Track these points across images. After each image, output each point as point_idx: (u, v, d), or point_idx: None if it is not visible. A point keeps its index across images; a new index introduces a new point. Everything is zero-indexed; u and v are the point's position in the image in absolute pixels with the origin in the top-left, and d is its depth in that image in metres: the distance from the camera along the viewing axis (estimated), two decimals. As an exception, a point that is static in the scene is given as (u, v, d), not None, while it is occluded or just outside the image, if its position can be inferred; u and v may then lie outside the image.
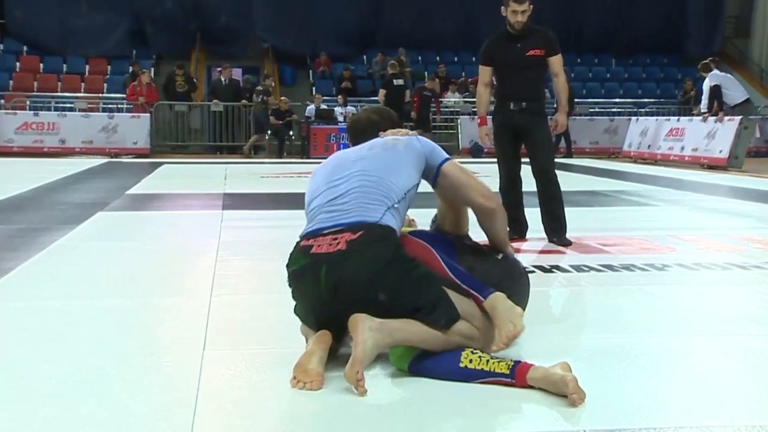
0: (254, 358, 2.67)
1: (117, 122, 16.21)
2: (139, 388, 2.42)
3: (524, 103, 5.25)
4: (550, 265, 4.49)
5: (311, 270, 2.55)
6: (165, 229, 6.09)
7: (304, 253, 2.60)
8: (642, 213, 7.29)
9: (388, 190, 2.68)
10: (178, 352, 2.79)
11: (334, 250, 2.52)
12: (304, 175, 11.62)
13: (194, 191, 9.16)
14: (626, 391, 2.42)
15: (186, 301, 3.61)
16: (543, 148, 5.35)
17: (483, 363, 2.43)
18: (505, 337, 2.50)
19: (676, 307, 3.58)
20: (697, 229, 6.01)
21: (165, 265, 4.51)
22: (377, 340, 2.41)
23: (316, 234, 2.62)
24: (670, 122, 15.22)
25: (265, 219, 6.63)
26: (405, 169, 2.76)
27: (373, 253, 2.51)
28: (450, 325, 2.50)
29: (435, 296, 2.52)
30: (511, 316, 2.55)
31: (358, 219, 2.59)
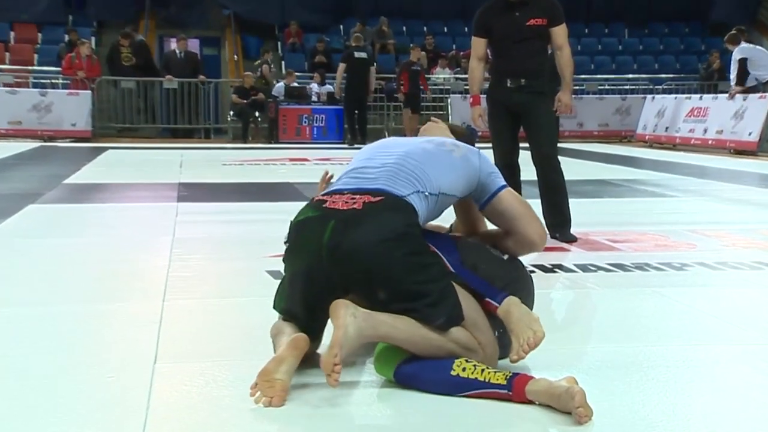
0: (213, 373, 2.66)
1: (51, 100, 15.99)
2: (77, 409, 2.40)
3: (523, 80, 5.24)
4: (553, 264, 4.51)
5: (318, 222, 2.59)
6: (110, 224, 6.06)
7: (315, 206, 2.68)
8: (658, 205, 7.35)
9: (423, 177, 2.75)
10: (124, 366, 2.77)
11: (348, 208, 2.58)
12: (271, 162, 11.64)
13: (144, 181, 9.12)
14: (638, 407, 2.43)
15: (134, 307, 3.59)
16: (544, 132, 5.34)
17: (477, 372, 2.45)
18: (526, 345, 2.55)
19: (697, 312, 3.61)
20: (721, 224, 6.05)
21: (110, 265, 4.49)
22: (360, 328, 2.42)
23: (335, 192, 2.70)
24: (691, 101, 15.30)
25: (227, 213, 6.62)
26: (451, 175, 2.83)
27: (388, 221, 2.55)
28: (449, 326, 2.52)
29: (441, 289, 2.54)
30: (529, 321, 2.60)
31: (382, 187, 2.66)
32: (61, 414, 2.36)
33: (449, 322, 2.52)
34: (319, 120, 16.37)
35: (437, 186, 2.76)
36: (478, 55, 5.40)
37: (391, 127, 17.92)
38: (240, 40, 20.69)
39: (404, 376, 2.52)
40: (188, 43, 18.06)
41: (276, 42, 20.84)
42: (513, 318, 2.61)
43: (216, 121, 17.93)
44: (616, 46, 22.31)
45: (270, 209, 6.74)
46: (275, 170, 10.76)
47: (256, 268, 4.29)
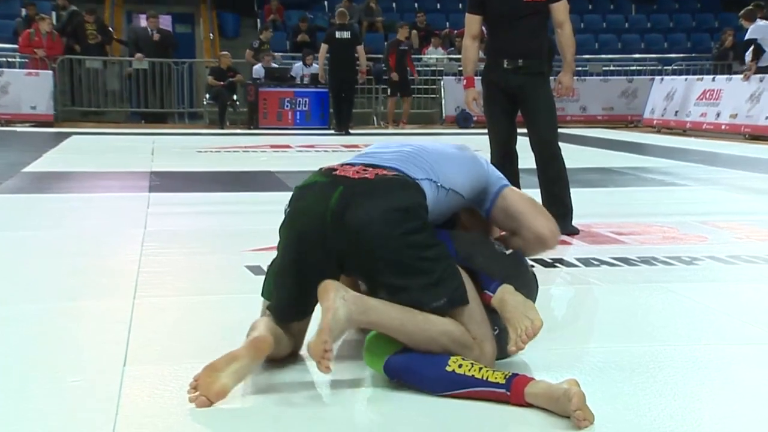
0: (188, 376, 2.64)
1: (8, 80, 15.86)
2: (40, 415, 2.40)
3: (521, 60, 5.22)
4: (553, 258, 4.52)
5: (326, 186, 2.63)
6: (75, 216, 6.05)
7: (324, 173, 2.72)
8: (666, 194, 7.38)
9: (438, 170, 2.80)
10: (91, 370, 2.77)
11: (359, 177, 2.63)
12: (251, 149, 11.63)
13: (113, 169, 9.09)
14: (645, 411, 2.45)
15: (102, 305, 3.59)
16: (543, 115, 5.32)
17: (475, 370, 2.46)
18: (524, 335, 2.57)
19: (708, 310, 3.62)
20: (734, 214, 6.09)
21: (75, 260, 4.47)
22: (350, 312, 2.45)
23: (346, 164, 2.76)
24: (703, 82, 15.33)
25: (202, 203, 6.61)
26: (463, 173, 2.89)
27: (399, 194, 2.60)
28: (450, 308, 2.55)
29: (444, 269, 2.57)
30: (526, 309, 2.62)
31: (396, 166, 2.72)
32: (23, 421, 2.35)
33: (451, 303, 2.55)
34: (302, 104, 16.32)
35: (450, 181, 2.81)
36: (473, 34, 5.36)
37: (380, 111, 17.92)
38: (216, 17, 20.63)
39: (395, 369, 2.53)
40: (159, 20, 17.96)
41: (255, 19, 20.78)
42: (508, 306, 2.63)
43: (190, 105, 17.89)
44: (622, 24, 22.35)
45: (249, 200, 6.74)
46: (255, 158, 10.75)
47: (234, 263, 4.29)
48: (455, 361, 2.48)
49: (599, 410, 2.34)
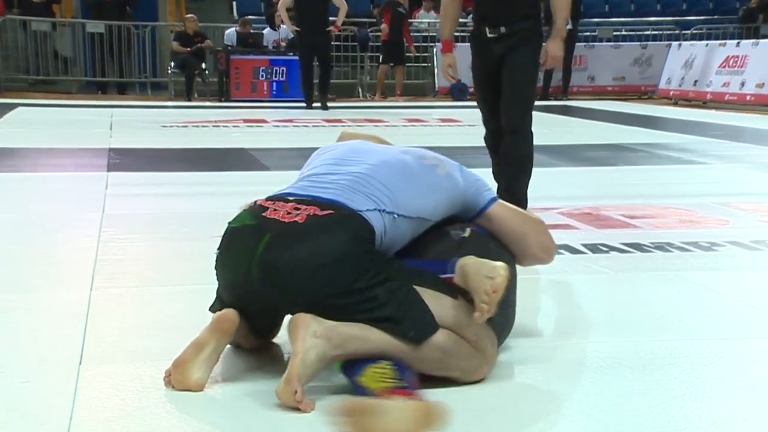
0: (151, 375, 2.67)
1: (-59, 45, 15.80)
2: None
3: (504, 27, 4.97)
4: (557, 244, 4.52)
5: (252, 233, 2.62)
6: (24, 198, 6.03)
7: (254, 213, 2.70)
8: (684, 173, 7.41)
9: (394, 197, 2.74)
10: (42, 369, 2.77)
11: (289, 220, 2.59)
12: (221, 124, 11.61)
13: (66, 145, 9.06)
14: (659, 412, 2.46)
15: (55, 298, 3.59)
16: (520, 87, 5.01)
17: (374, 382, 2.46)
18: (484, 295, 2.53)
19: (729, 300, 3.65)
20: (759, 195, 6.15)
21: (25, 248, 4.47)
22: (323, 350, 2.45)
23: (280, 197, 2.73)
24: (726, 48, 15.34)
25: (167, 184, 6.61)
26: (433, 197, 2.85)
27: (330, 239, 2.55)
28: (422, 338, 2.54)
29: (399, 304, 2.55)
30: (486, 270, 2.59)
31: (335, 198, 2.67)
32: (-33, 426, 2.36)
33: (420, 334, 2.54)
34: (278, 73, 16.26)
35: (416, 209, 2.77)
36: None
37: (366, 82, 17.90)
38: (182, -26, 20.54)
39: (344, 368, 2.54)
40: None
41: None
42: (470, 275, 2.60)
43: (153, 74, 17.85)
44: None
45: (220, 180, 6.74)
46: (226, 134, 10.73)
47: (201, 251, 4.25)
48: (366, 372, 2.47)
49: (609, 410, 2.36)
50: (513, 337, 2.96)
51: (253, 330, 2.76)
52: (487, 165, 7.52)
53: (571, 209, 5.51)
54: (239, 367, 2.76)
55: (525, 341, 3.00)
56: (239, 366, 2.76)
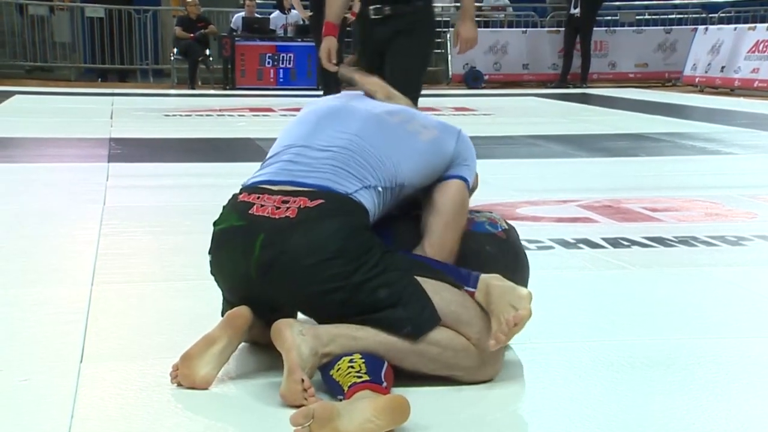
0: (154, 373, 2.68)
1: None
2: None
3: (388, 7, 4.72)
4: (576, 238, 4.55)
5: (244, 235, 2.61)
6: (22, 190, 6.05)
7: (240, 211, 2.67)
8: (709, 164, 7.39)
9: (379, 167, 2.73)
10: (42, 367, 2.78)
11: (280, 216, 2.58)
12: (226, 113, 11.62)
13: (65, 135, 9.09)
14: (682, 414, 2.46)
15: (55, 293, 3.60)
16: (401, 76, 4.58)
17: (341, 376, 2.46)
18: (504, 326, 2.52)
19: (757, 297, 3.65)
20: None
21: (24, 241, 4.49)
22: (313, 346, 2.46)
23: (262, 188, 2.69)
24: (756, 32, 15.26)
25: (170, 176, 6.63)
26: (412, 162, 2.81)
27: (327, 232, 2.55)
28: (419, 332, 2.54)
29: (399, 295, 2.55)
30: (512, 298, 2.58)
31: (322, 183, 2.65)
32: (-35, 425, 2.37)
33: (419, 328, 2.54)
34: (286, 60, 16.25)
35: (395, 176, 2.76)
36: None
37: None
38: (184, -43, 20.54)
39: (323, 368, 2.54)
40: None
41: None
42: (493, 297, 2.60)
43: (155, 60, 17.87)
44: (659, -35, 22.27)
45: (225, 171, 6.73)
46: (232, 123, 10.75)
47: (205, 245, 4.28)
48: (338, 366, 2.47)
49: (631, 411, 2.36)
50: (528, 335, 2.95)
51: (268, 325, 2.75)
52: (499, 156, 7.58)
53: (591, 202, 5.50)
54: (250, 366, 2.76)
55: (542, 339, 3.01)
56: (250, 365, 2.77)
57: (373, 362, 2.46)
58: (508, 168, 6.92)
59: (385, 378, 2.44)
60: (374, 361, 2.47)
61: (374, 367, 2.44)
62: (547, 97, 14.39)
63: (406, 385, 2.53)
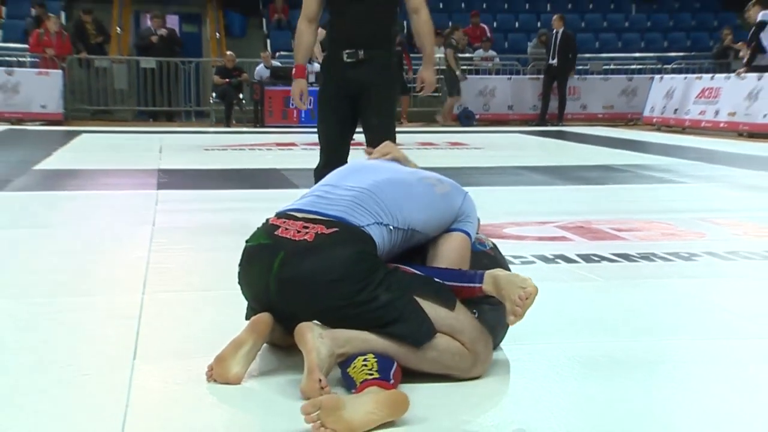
0: (197, 371, 2.67)
1: (19, 80, 15.83)
2: (55, 407, 2.41)
3: (362, 51, 4.45)
4: (554, 254, 4.53)
5: (268, 252, 2.63)
6: (85, 213, 6.05)
7: (268, 232, 2.70)
8: (665, 192, 7.37)
9: (393, 210, 2.73)
10: (101, 364, 2.78)
11: (299, 238, 2.59)
12: (256, 147, 11.64)
13: (122, 167, 9.11)
14: (646, 407, 2.45)
15: (112, 301, 3.60)
16: (384, 119, 4.54)
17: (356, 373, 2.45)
18: (519, 301, 2.56)
19: (706, 305, 3.63)
20: (733, 211, 6.08)
21: (85, 256, 4.49)
22: (330, 348, 2.46)
23: (289, 215, 2.72)
24: (702, 81, 15.29)
25: (210, 200, 6.62)
26: (426, 212, 2.81)
27: (338, 255, 2.56)
28: (419, 343, 2.54)
29: (400, 312, 2.55)
30: (517, 280, 2.62)
31: (339, 215, 2.67)
32: (35, 413, 2.36)
33: (418, 342, 2.54)
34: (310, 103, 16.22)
35: (407, 221, 2.75)
36: (309, 16, 4.55)
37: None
38: (222, 16, 20.61)
39: (342, 364, 2.52)
40: (166, 20, 17.96)
41: (261, 19, 20.76)
42: (501, 284, 2.63)
43: (197, 103, 17.88)
44: (623, 23, 22.31)
45: (256, 197, 6.75)
46: (261, 156, 10.76)
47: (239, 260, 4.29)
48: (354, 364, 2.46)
49: (599, 406, 2.35)
50: (511, 339, 2.95)
51: (287, 330, 2.76)
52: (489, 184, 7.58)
53: (566, 223, 5.49)
54: (273, 365, 2.76)
55: (525, 341, 2.99)
56: (273, 363, 2.77)
57: (384, 362, 2.46)
58: (496, 194, 6.91)
59: (394, 376, 2.43)
60: (385, 361, 2.47)
61: (385, 366, 2.44)
62: (529, 134, 14.39)
63: (411, 382, 2.53)
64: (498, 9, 21.72)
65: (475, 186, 7.11)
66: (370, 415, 2.23)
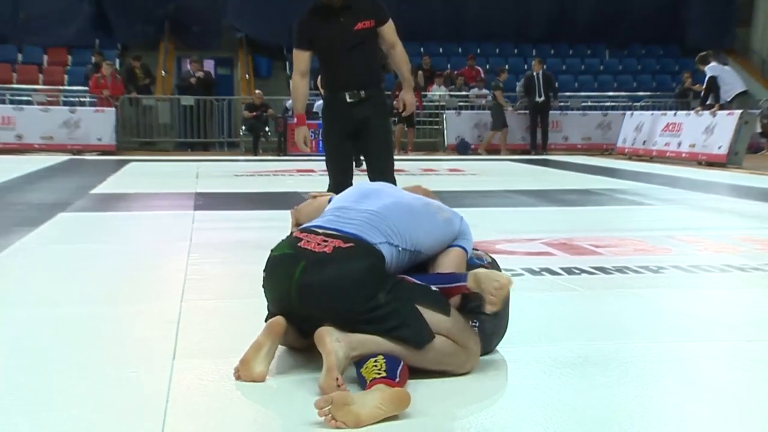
0: (228, 368, 2.66)
1: (79, 117, 16.09)
2: (105, 399, 2.41)
3: (363, 91, 4.53)
4: (540, 267, 4.52)
5: (290, 261, 2.62)
6: (132, 230, 6.07)
7: (291, 243, 2.69)
8: (636, 212, 7.35)
9: (402, 233, 2.74)
10: (145, 362, 2.78)
11: (319, 250, 2.60)
12: (280, 174, 11.66)
13: (164, 190, 9.14)
14: (619, 400, 2.44)
15: (153, 308, 3.60)
16: (386, 151, 4.67)
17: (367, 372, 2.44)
18: (493, 291, 2.59)
19: (672, 312, 3.61)
20: (694, 230, 6.06)
21: (131, 269, 4.49)
22: (346, 350, 2.47)
23: (311, 230, 2.72)
24: (666, 117, 15.33)
25: (239, 220, 6.62)
26: (431, 236, 2.82)
27: (352, 267, 2.56)
28: (419, 345, 2.55)
29: (404, 318, 2.55)
30: (494, 276, 2.66)
31: (355, 232, 2.66)
32: (88, 405, 2.37)
33: (419, 344, 2.54)
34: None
35: (414, 243, 2.76)
36: (302, 70, 4.62)
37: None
38: (251, 60, 20.71)
39: (357, 364, 2.51)
40: (203, 64, 18.12)
41: (284, 62, 20.84)
42: (481, 279, 2.66)
43: (229, 135, 17.94)
44: (598, 66, 22.35)
45: (279, 217, 6.68)
46: (284, 180, 10.78)
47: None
48: (366, 365, 2.46)
49: (579, 398, 2.34)
50: (503, 341, 2.93)
51: (300, 333, 2.75)
52: (483, 205, 7.58)
53: (551, 240, 5.47)
54: (290, 364, 2.75)
55: (515, 344, 2.98)
56: (291, 364, 2.76)
57: (392, 362, 2.46)
58: (489, 214, 6.90)
59: (400, 375, 2.43)
60: (393, 361, 2.46)
61: (392, 366, 2.44)
62: (518, 162, 14.39)
63: (412, 379, 2.52)
64: (490, 53, 21.79)
65: (471, 207, 7.12)
66: (376, 410, 2.23)
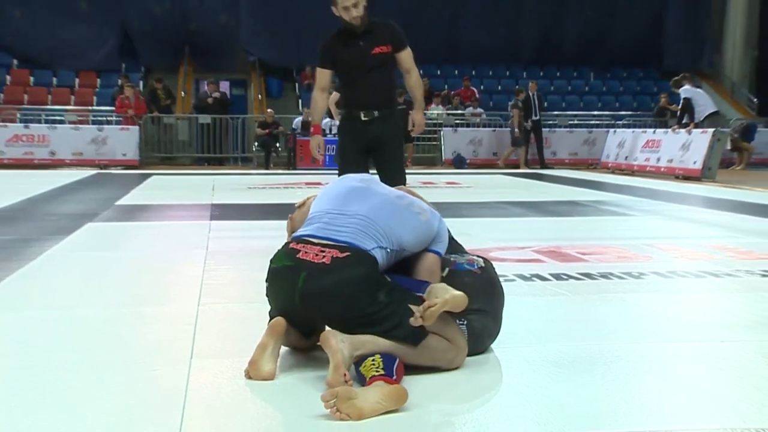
0: (242, 367, 2.66)
1: (106, 134, 16.25)
2: (125, 396, 2.41)
3: (377, 111, 4.57)
4: (531, 273, 4.51)
5: (292, 272, 2.61)
6: (153, 239, 6.07)
7: (289, 255, 2.67)
8: (619, 222, 7.34)
9: (389, 234, 2.72)
10: (165, 361, 2.78)
11: (318, 261, 2.59)
12: (290, 186, 11.67)
13: (182, 202, 9.13)
14: (603, 396, 2.44)
15: (173, 310, 3.60)
16: (399, 168, 4.67)
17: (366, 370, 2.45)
18: (421, 310, 2.52)
19: (652, 314, 3.60)
20: (672, 239, 6.05)
21: (153, 274, 4.49)
22: (350, 350, 2.47)
23: (306, 240, 2.69)
24: (646, 134, 15.36)
25: (252, 229, 6.62)
26: (412, 235, 2.79)
27: (351, 275, 2.56)
28: (415, 343, 2.56)
29: (400, 318, 2.55)
30: (438, 293, 2.59)
31: (349, 240, 2.65)
32: (113, 399, 2.37)
33: (413, 341, 2.55)
34: (330, 149, 16.18)
35: (400, 243, 2.74)
36: (322, 86, 4.68)
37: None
38: (263, 81, 20.75)
39: (356, 363, 2.52)
40: (219, 85, 18.19)
41: (294, 83, 20.92)
42: (431, 294, 2.61)
43: (243, 150, 17.97)
44: (584, 88, 22.39)
45: (289, 226, 6.73)
46: (294, 193, 10.76)
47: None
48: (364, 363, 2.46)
49: (566, 396, 2.33)
50: (495, 342, 2.93)
51: (302, 335, 2.76)
52: (478, 215, 7.57)
53: (541, 248, 5.46)
54: (295, 363, 2.75)
55: (507, 344, 2.98)
56: (295, 363, 2.76)
57: (388, 360, 2.46)
58: (484, 224, 6.90)
59: (396, 372, 2.44)
60: (389, 359, 2.47)
61: (389, 364, 2.45)
62: (510, 175, 14.39)
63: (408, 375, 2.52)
64: (484, 75, 21.82)
65: (467, 217, 7.12)
66: (377, 405, 2.25)
